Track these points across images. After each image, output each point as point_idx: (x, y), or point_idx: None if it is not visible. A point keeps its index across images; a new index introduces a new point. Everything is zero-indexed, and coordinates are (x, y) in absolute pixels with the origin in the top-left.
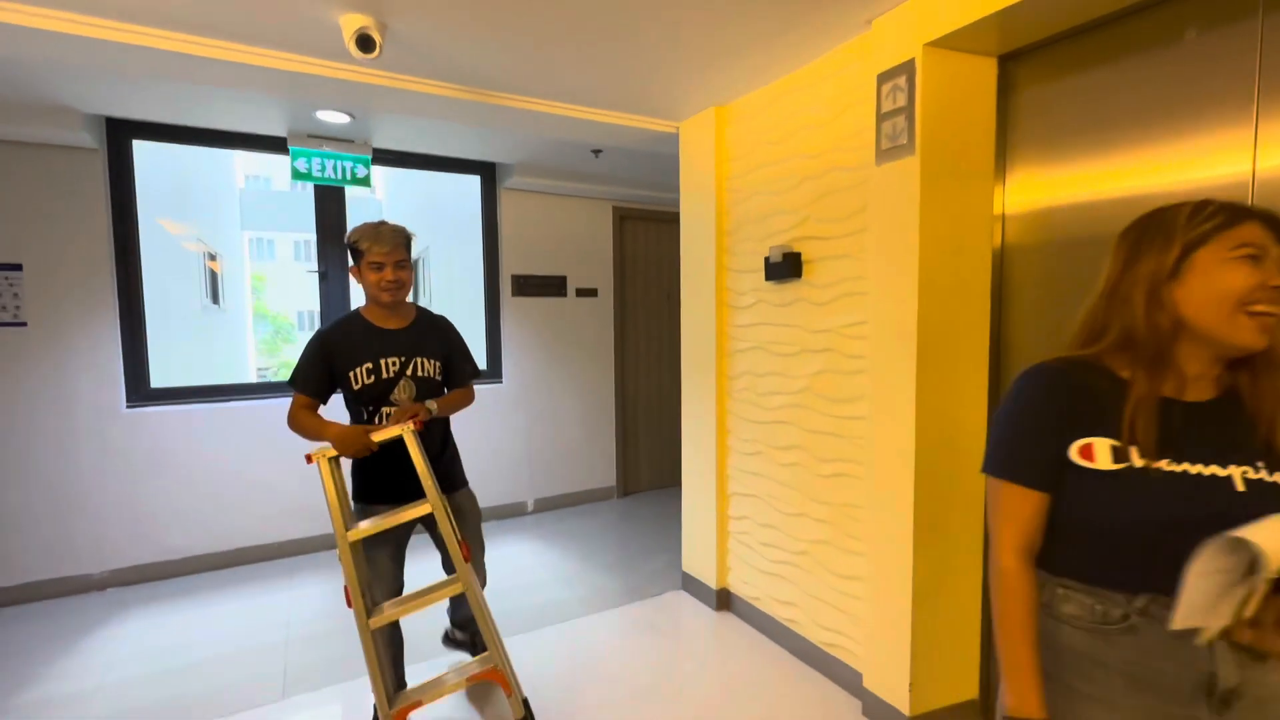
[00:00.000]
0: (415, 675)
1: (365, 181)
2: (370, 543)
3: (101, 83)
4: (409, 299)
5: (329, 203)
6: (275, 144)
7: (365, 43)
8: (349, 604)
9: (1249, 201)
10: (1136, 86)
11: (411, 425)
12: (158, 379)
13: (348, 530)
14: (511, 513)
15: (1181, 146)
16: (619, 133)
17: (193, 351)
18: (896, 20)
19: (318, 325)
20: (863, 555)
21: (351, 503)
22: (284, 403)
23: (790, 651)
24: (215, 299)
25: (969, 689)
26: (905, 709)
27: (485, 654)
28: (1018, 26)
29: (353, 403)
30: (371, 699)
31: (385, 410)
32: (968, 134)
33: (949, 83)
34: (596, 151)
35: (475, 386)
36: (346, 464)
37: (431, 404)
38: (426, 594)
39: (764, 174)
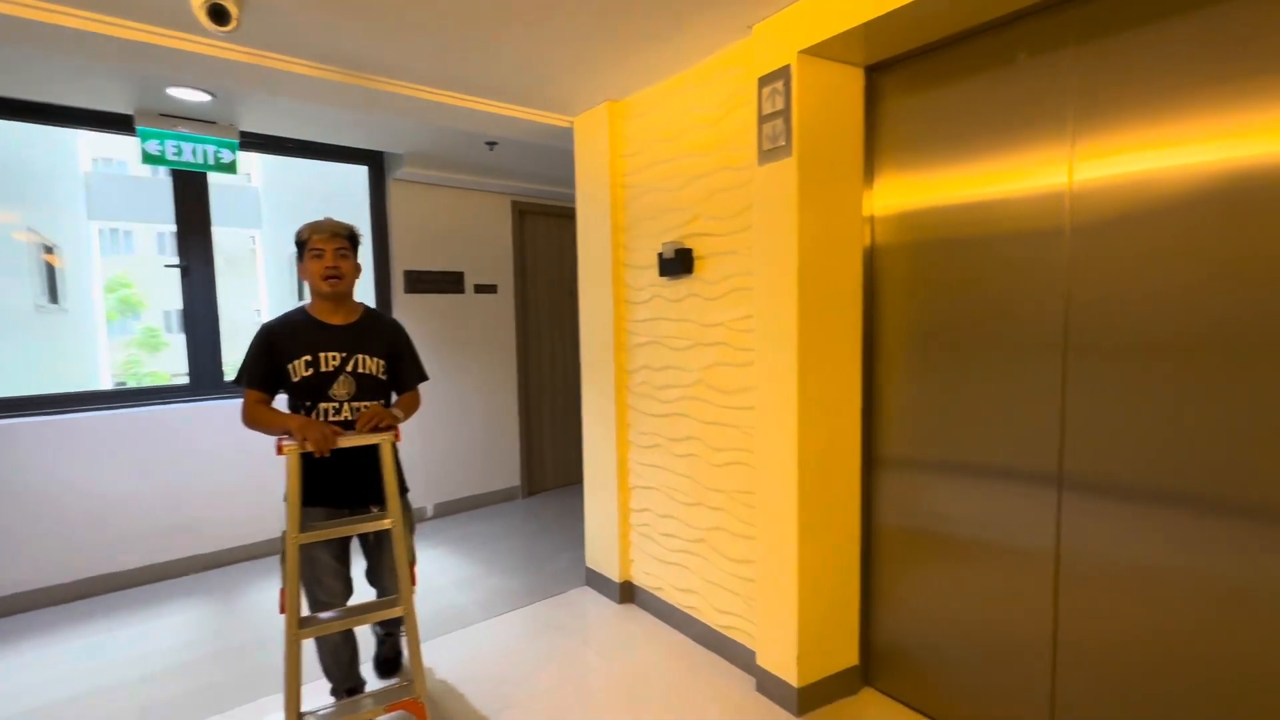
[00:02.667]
0: (323, 689)
1: (231, 168)
2: (314, 544)
3: None
4: (356, 298)
5: (190, 190)
6: (123, 123)
7: (218, 14)
8: (281, 609)
9: (1066, 211)
10: (976, 103)
11: (392, 435)
12: None
13: (301, 532)
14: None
15: (1012, 159)
16: (512, 125)
17: (25, 357)
18: (774, 27)
19: (180, 326)
20: (754, 539)
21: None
22: (148, 412)
23: (691, 637)
24: (54, 298)
25: (850, 656)
26: (794, 681)
27: (406, 684)
28: (881, 39)
29: (292, 395)
30: None
31: (323, 405)
32: (840, 139)
33: (822, 89)
34: (491, 144)
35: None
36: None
37: (398, 412)
38: (363, 611)
39: (658, 171)
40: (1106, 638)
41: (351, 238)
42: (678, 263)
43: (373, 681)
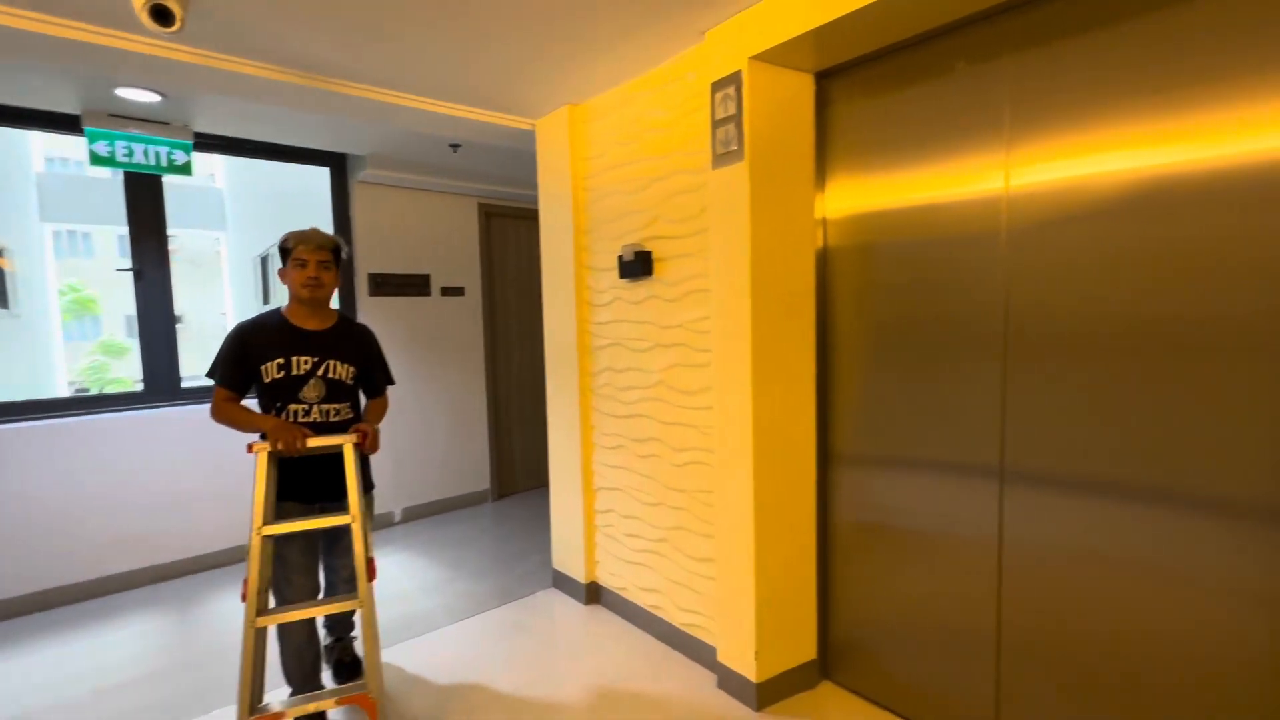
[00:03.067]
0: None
1: (186, 170)
2: (282, 540)
3: None
4: (334, 305)
5: (142, 191)
6: (71, 123)
7: (161, 14)
8: (243, 597)
9: (1003, 215)
10: (920, 109)
11: (355, 438)
12: None
13: (265, 525)
14: (377, 524)
15: (953, 164)
16: (474, 128)
17: None
18: (726, 33)
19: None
20: (714, 538)
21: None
22: (102, 419)
23: (656, 636)
24: (4, 303)
25: (808, 651)
26: (753, 676)
27: (360, 680)
28: (829, 46)
29: (262, 395)
30: None
31: (293, 407)
32: (791, 143)
33: (773, 95)
34: (455, 146)
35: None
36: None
37: (375, 424)
38: (321, 603)
39: (618, 174)
40: (1046, 622)
41: (335, 250)
42: (638, 265)
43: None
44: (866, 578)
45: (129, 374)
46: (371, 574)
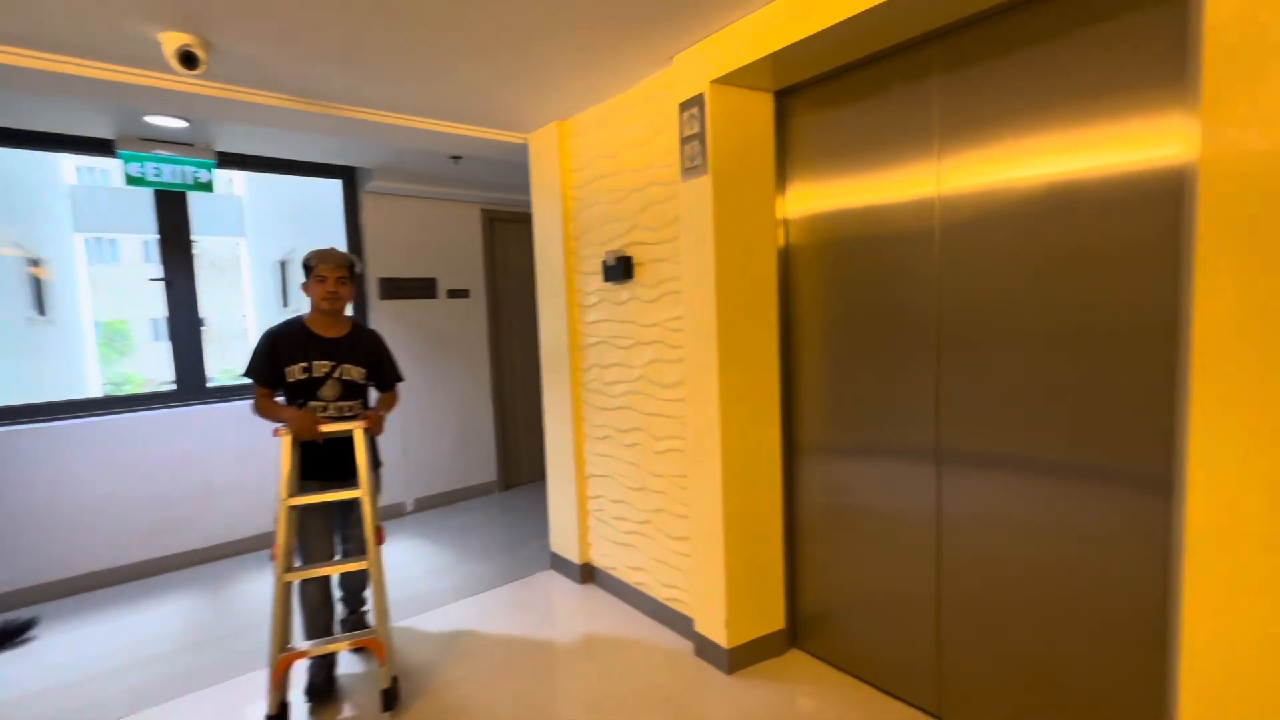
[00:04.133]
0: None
1: (208, 187)
2: (306, 515)
3: None
4: (347, 313)
5: (170, 206)
6: (105, 146)
7: (188, 59)
8: (272, 557)
9: (936, 216)
10: (865, 122)
11: (363, 424)
12: None
13: (290, 498)
14: (390, 514)
15: (894, 170)
16: (470, 143)
17: (16, 369)
18: (690, 58)
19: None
20: (689, 518)
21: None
22: (137, 417)
23: (642, 611)
24: (42, 310)
25: (776, 621)
26: (724, 643)
27: (371, 629)
28: (786, 68)
29: (288, 392)
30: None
31: (313, 403)
32: (752, 154)
33: (733, 113)
34: (455, 158)
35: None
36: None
37: (383, 412)
38: (337, 564)
39: (601, 185)
40: (977, 587)
41: (350, 267)
42: (619, 269)
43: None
44: (829, 554)
45: (136, 371)
46: (380, 539)
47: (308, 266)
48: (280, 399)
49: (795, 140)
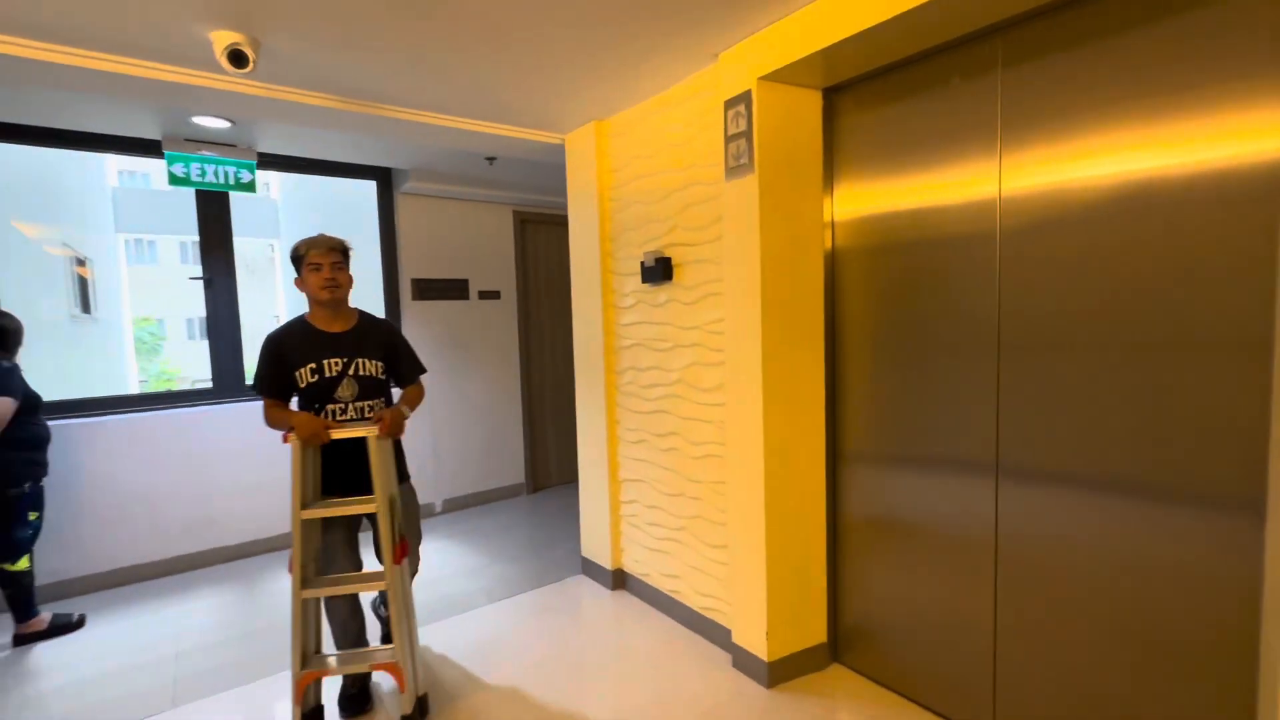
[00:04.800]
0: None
1: (250, 187)
2: (326, 527)
3: None
4: (359, 305)
5: (212, 206)
6: (150, 146)
7: (238, 58)
8: (290, 570)
9: (997, 218)
10: (920, 121)
11: (375, 429)
12: None
13: (302, 509)
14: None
15: (952, 170)
16: (507, 143)
17: (62, 364)
18: (736, 55)
19: (202, 332)
20: (727, 525)
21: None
22: (177, 414)
23: (676, 619)
24: (86, 307)
25: (818, 635)
26: (764, 655)
27: (391, 648)
28: (836, 65)
29: (301, 398)
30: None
31: (330, 407)
32: (799, 153)
33: (781, 111)
34: (490, 159)
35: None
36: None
37: (405, 409)
38: (354, 580)
39: (640, 185)
40: (1039, 609)
41: (344, 251)
42: (658, 270)
43: None
44: (875, 567)
45: (170, 367)
46: (402, 553)
47: (298, 257)
48: (295, 408)
49: (844, 139)
